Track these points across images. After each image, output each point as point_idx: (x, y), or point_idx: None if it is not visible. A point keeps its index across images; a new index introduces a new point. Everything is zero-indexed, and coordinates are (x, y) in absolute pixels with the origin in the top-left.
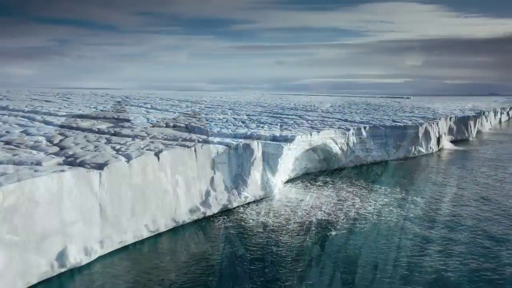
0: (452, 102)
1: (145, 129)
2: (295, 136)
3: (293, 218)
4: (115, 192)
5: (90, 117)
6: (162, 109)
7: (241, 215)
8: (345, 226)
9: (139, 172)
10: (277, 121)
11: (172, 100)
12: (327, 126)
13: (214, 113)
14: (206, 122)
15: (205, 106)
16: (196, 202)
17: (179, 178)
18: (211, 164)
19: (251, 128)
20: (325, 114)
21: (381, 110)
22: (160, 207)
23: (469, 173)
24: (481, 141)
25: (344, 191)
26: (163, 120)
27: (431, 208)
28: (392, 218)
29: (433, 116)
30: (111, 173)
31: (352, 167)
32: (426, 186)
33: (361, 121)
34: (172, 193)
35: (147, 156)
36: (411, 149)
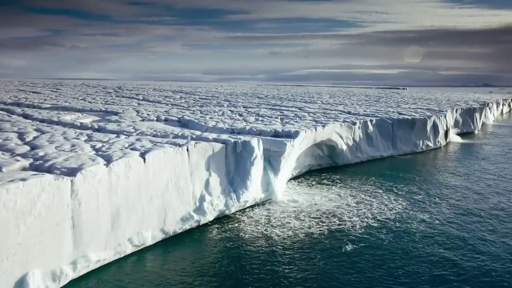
0: (450, 93)
1: (133, 123)
2: (299, 131)
3: (300, 227)
4: (91, 202)
5: (75, 109)
6: (154, 101)
7: (239, 223)
8: (365, 237)
9: (120, 177)
10: (276, 113)
11: (165, 91)
12: (331, 119)
13: (209, 105)
14: (200, 115)
15: (200, 97)
16: (188, 208)
17: (169, 182)
18: (206, 165)
19: (249, 122)
20: (326, 106)
21: (382, 101)
22: (146, 217)
23: (485, 170)
24: (488, 134)
25: (355, 192)
26: (154, 112)
27: (458, 210)
28: (419, 225)
29: (439, 108)
30: (86, 180)
31: (358, 163)
32: (443, 184)
33: (366, 113)
34: (161, 200)
35: (130, 157)
36: (419, 143)
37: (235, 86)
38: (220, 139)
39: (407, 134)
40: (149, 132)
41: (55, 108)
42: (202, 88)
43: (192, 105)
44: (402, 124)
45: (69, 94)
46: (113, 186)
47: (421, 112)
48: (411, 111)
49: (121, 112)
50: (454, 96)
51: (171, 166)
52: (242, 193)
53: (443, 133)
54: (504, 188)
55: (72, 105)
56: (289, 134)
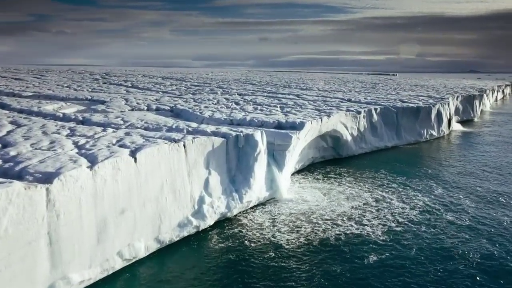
0: (442, 79)
1: (122, 113)
2: (305, 122)
3: (313, 232)
4: (72, 212)
5: (59, 98)
6: (144, 88)
7: (243, 228)
8: (389, 244)
9: (107, 181)
10: (274, 101)
11: (155, 77)
12: (333, 107)
13: (202, 93)
14: (194, 104)
15: (191, 84)
16: (186, 213)
17: (164, 184)
18: (205, 162)
19: (248, 112)
20: (323, 93)
21: (379, 88)
22: (138, 225)
23: (497, 160)
24: (487, 121)
25: (368, 187)
26: (144, 101)
27: (484, 206)
28: (448, 228)
29: (439, 95)
30: (65, 187)
31: (363, 155)
32: (460, 177)
33: (367, 101)
34: (155, 205)
35: (119, 157)
36: (423, 132)
37: (225, 72)
38: (220, 133)
39: (411, 123)
40: (140, 125)
41: (36, 96)
42: (193, 74)
43: (184, 92)
44: (407, 112)
45: (54, 81)
46: (98, 192)
47: (423, 99)
48: (413, 99)
49: (109, 101)
50: (449, 83)
51: (166, 165)
52: (245, 193)
53: (446, 122)
54: None
55: (55, 93)
56: (294, 125)
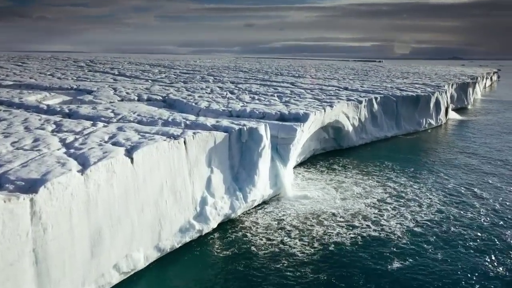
0: (427, 66)
1: (112, 104)
2: (309, 113)
3: (325, 235)
4: (61, 225)
5: (42, 87)
6: (132, 76)
7: (248, 231)
8: (411, 248)
9: (101, 186)
10: (270, 90)
11: (142, 64)
12: (332, 97)
13: (194, 81)
14: (187, 93)
15: (180, 71)
16: (188, 216)
17: (164, 185)
18: (207, 159)
19: (245, 102)
20: (318, 81)
21: (372, 75)
22: (136, 233)
23: (497, 149)
24: (481, 109)
25: (376, 181)
26: (134, 90)
27: (505, 203)
28: (474, 230)
29: (434, 83)
30: (53, 195)
31: (363, 145)
32: (468, 168)
33: (365, 89)
34: (154, 209)
35: (114, 158)
36: (422, 122)
37: (213, 59)
38: (221, 126)
39: (410, 112)
40: (133, 117)
41: (17, 86)
42: (180, 62)
43: (175, 80)
44: (406, 101)
45: (36, 68)
46: (91, 199)
47: (421, 88)
48: (410, 87)
49: (96, 91)
50: (438, 70)
51: (165, 164)
52: (250, 191)
53: (444, 110)
54: None
55: (38, 82)
56: (297, 117)
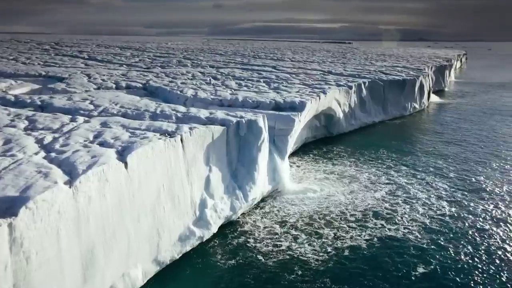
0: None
1: (89, 94)
2: (305, 101)
3: (336, 239)
4: (47, 250)
5: (6, 74)
6: (104, 60)
7: (250, 235)
8: (433, 249)
9: (93, 198)
10: (255, 75)
11: (111, 47)
12: (321, 82)
13: (171, 65)
14: (168, 80)
15: (154, 55)
16: (187, 222)
17: (161, 190)
18: (205, 157)
19: (233, 89)
20: (299, 65)
21: (351, 58)
22: (133, 247)
23: (485, 130)
24: (458, 92)
25: (375, 171)
26: (109, 77)
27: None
28: (488, 220)
29: (414, 66)
30: (37, 217)
31: (353, 132)
32: (466, 153)
33: (350, 73)
34: (152, 218)
35: (105, 164)
36: (408, 106)
37: (184, 41)
38: (216, 119)
39: (396, 97)
40: (116, 110)
41: None
42: (151, 44)
43: (151, 65)
44: (393, 86)
45: None
46: (82, 214)
47: (403, 71)
48: (393, 70)
49: (68, 78)
50: (412, 52)
51: (162, 166)
52: (250, 189)
53: (427, 94)
54: None
55: (0, 68)
56: (293, 105)
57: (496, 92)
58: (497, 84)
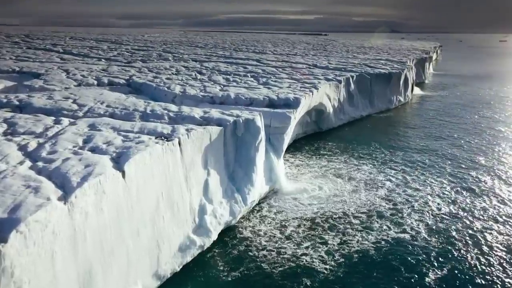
0: (373, 39)
1: (70, 92)
2: (299, 98)
3: (343, 244)
4: (40, 276)
5: None
6: (80, 54)
7: (251, 243)
8: (444, 249)
9: (89, 214)
10: (240, 70)
11: (86, 40)
12: (310, 76)
13: (152, 59)
14: (152, 75)
15: (132, 48)
16: (187, 230)
17: (160, 199)
18: (203, 160)
19: (222, 84)
20: (283, 58)
21: (332, 51)
22: (133, 262)
23: (472, 123)
24: (438, 84)
25: (371, 167)
26: (89, 72)
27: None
28: (497, 219)
29: (397, 59)
30: (29, 241)
31: (341, 126)
32: (457, 148)
33: (335, 67)
34: (151, 230)
35: (102, 175)
36: (393, 99)
37: (161, 32)
38: (212, 118)
39: (383, 90)
40: (102, 110)
41: None
42: (127, 36)
43: (131, 59)
44: (379, 79)
45: None
46: (78, 232)
47: (387, 64)
48: (377, 63)
49: (45, 73)
50: (390, 44)
51: (160, 173)
52: (248, 192)
53: (411, 87)
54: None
55: None
56: (288, 102)
57: (474, 84)
58: (473, 76)
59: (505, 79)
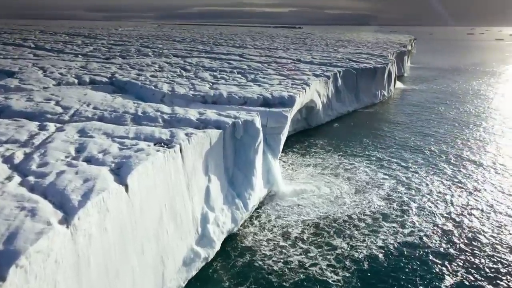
0: (348, 32)
1: (50, 92)
2: (294, 96)
3: (352, 249)
4: None
5: None
6: (54, 49)
7: (255, 253)
8: (461, 249)
9: (93, 236)
10: (225, 65)
11: (57, 34)
12: (298, 72)
13: (132, 55)
14: (135, 73)
15: (108, 42)
16: (190, 242)
17: (163, 211)
18: (203, 166)
19: (211, 82)
20: (266, 52)
21: (312, 44)
22: (138, 283)
23: (453, 118)
24: (416, 77)
25: (367, 162)
26: (68, 70)
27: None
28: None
29: (377, 53)
30: (31, 275)
31: (330, 122)
32: (455, 145)
33: (320, 61)
34: (155, 245)
35: (105, 191)
36: (378, 93)
37: (135, 26)
38: (209, 120)
39: (368, 85)
40: (90, 112)
41: None
42: (100, 30)
43: (109, 54)
44: (365, 74)
45: None
46: (82, 257)
47: (370, 58)
48: (360, 58)
49: (19, 72)
50: (366, 37)
51: (163, 183)
52: (249, 196)
53: (393, 81)
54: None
55: None
56: (282, 100)
57: (450, 77)
58: (448, 69)
59: (478, 72)
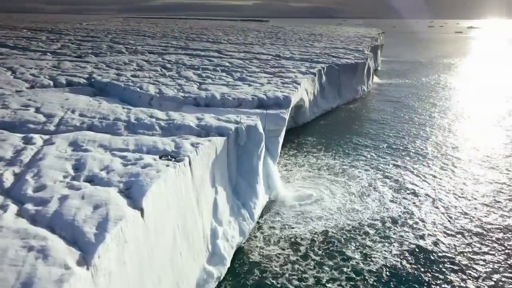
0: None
1: (26, 97)
2: (289, 96)
3: (365, 259)
4: None
5: None
6: (17, 47)
7: (265, 268)
8: (486, 265)
9: (113, 274)
10: (205, 62)
11: (18, 29)
12: (281, 68)
13: (105, 52)
14: (113, 72)
15: (75, 38)
16: (202, 261)
17: (176, 233)
18: (210, 177)
19: (197, 82)
20: (244, 48)
21: (286, 39)
22: None
23: (436, 111)
24: (390, 70)
25: (363, 161)
26: (40, 70)
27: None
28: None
29: (352, 47)
30: None
31: (315, 120)
32: (442, 131)
33: (301, 57)
34: (171, 270)
35: (122, 221)
36: (358, 89)
37: (99, 20)
38: (210, 126)
39: (349, 80)
40: (77, 120)
41: None
42: (64, 24)
43: (80, 52)
44: (346, 69)
45: None
46: None
47: (348, 53)
48: (339, 53)
49: None
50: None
51: (175, 202)
52: (254, 206)
53: (372, 75)
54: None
55: None
56: (278, 101)
57: (422, 71)
58: (417, 62)
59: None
